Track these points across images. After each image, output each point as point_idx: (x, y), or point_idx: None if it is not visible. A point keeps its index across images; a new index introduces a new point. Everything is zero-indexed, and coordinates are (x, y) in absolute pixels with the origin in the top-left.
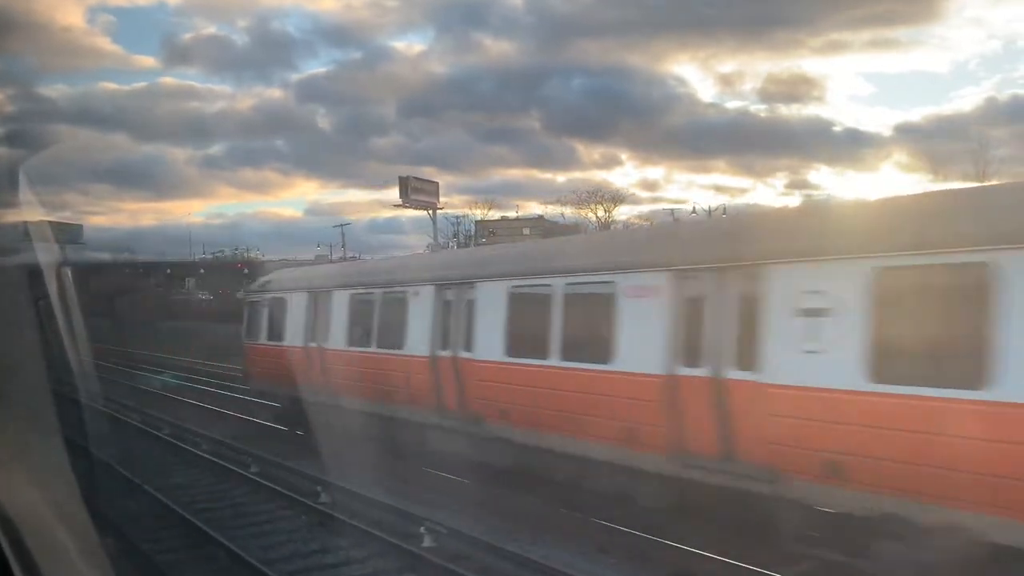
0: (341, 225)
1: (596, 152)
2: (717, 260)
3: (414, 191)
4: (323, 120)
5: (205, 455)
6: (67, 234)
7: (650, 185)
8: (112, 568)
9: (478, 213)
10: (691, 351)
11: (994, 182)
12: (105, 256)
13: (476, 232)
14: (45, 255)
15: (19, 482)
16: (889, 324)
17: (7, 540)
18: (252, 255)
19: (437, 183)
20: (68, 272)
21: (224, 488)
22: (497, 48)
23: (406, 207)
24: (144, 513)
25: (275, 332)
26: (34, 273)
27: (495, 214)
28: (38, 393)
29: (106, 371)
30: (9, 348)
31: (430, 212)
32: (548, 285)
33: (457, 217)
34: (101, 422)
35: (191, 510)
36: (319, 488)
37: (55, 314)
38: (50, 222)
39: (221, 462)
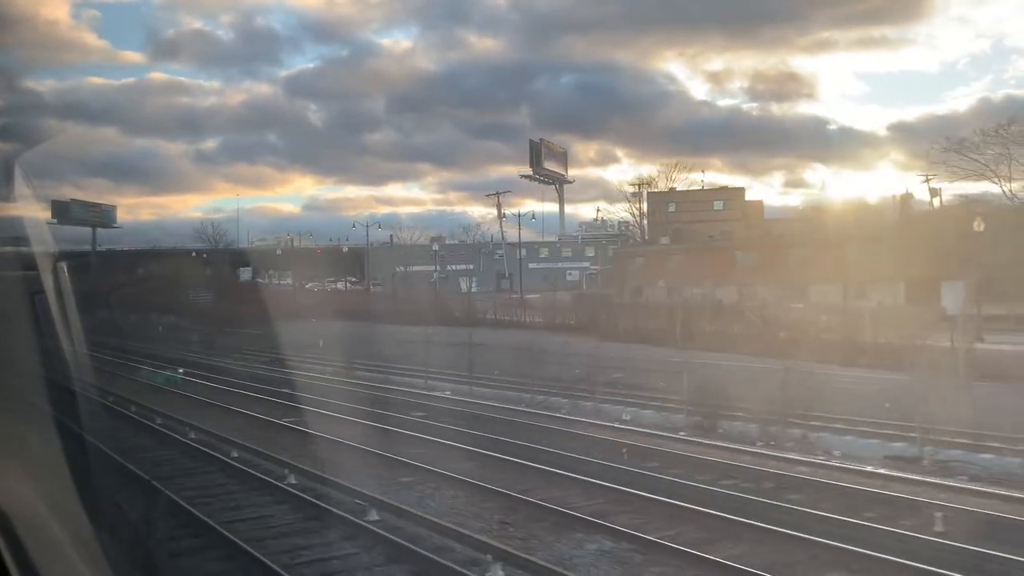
0: (497, 193)
1: (591, 149)
2: None
3: (547, 157)
4: (314, 116)
5: None
6: (100, 216)
7: (647, 183)
8: (108, 562)
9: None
10: None
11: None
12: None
13: (650, 206)
14: (41, 249)
15: (14, 476)
16: None
17: (2, 534)
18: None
19: (566, 151)
20: (64, 267)
21: None
22: (482, 45)
23: (535, 179)
24: None
25: None
26: (30, 268)
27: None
28: (33, 388)
29: None
30: (4, 343)
31: (557, 187)
32: None
33: (638, 187)
34: None
35: None
36: None
37: (51, 309)
38: (82, 202)
39: None
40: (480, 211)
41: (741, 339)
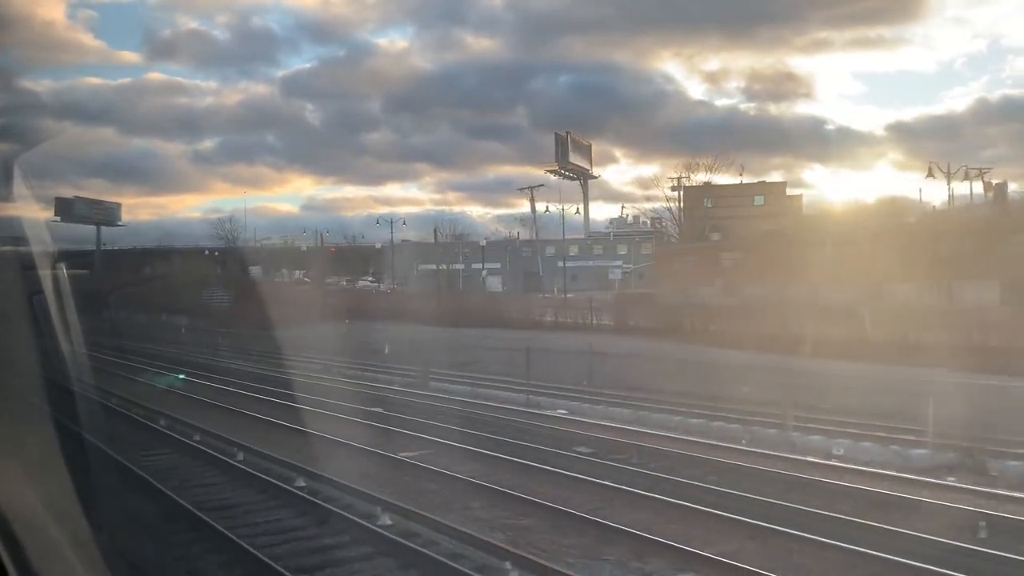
0: (531, 188)
1: None
2: None
3: (573, 151)
4: (312, 116)
5: None
6: (104, 213)
7: (645, 183)
8: (105, 563)
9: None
10: None
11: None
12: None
13: (686, 201)
14: (40, 248)
15: (13, 477)
16: None
17: (0, 535)
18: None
19: (591, 145)
20: (63, 267)
21: None
22: (479, 45)
23: (562, 175)
24: None
25: None
26: (29, 269)
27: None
28: (32, 388)
29: None
30: (3, 343)
31: (582, 182)
32: None
33: (677, 180)
34: None
35: None
36: None
37: (50, 309)
38: (86, 199)
39: None
40: (479, 211)
41: (890, 347)
